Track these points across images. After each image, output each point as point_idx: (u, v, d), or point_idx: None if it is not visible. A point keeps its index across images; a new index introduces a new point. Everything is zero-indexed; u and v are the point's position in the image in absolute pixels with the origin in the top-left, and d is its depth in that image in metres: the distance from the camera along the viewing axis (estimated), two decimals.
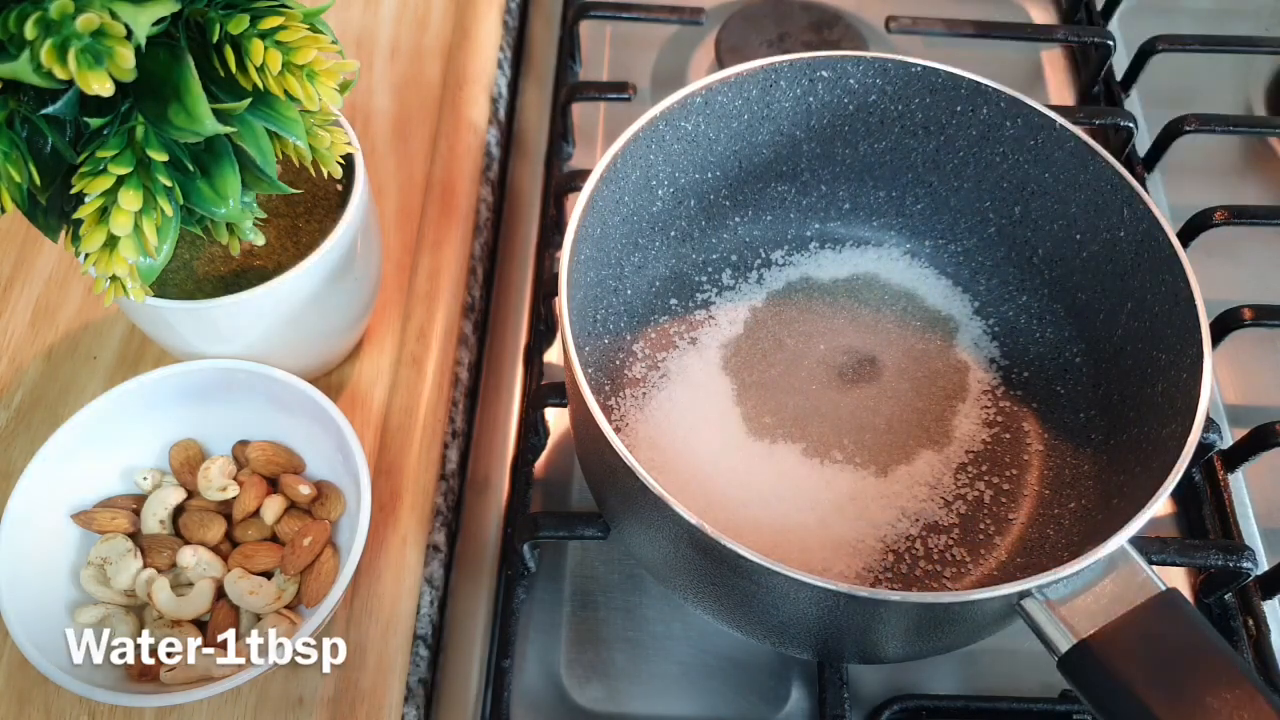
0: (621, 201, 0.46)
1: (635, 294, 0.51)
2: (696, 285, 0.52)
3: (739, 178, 0.51)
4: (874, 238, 0.54)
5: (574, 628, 0.47)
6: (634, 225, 0.48)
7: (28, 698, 0.41)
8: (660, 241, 0.51)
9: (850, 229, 0.54)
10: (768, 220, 0.53)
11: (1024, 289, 0.51)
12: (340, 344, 0.49)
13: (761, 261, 0.53)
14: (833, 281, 0.53)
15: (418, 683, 0.44)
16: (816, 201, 0.53)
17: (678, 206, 0.50)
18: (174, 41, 0.32)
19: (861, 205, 0.53)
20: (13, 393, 0.49)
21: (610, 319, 0.49)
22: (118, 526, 0.42)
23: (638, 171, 0.46)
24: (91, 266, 0.34)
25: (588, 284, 0.45)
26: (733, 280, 0.52)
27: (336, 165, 0.39)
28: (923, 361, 0.50)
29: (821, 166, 0.52)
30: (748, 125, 0.48)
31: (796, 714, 0.45)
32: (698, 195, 0.50)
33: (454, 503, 0.50)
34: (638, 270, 0.50)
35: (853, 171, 0.52)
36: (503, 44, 0.64)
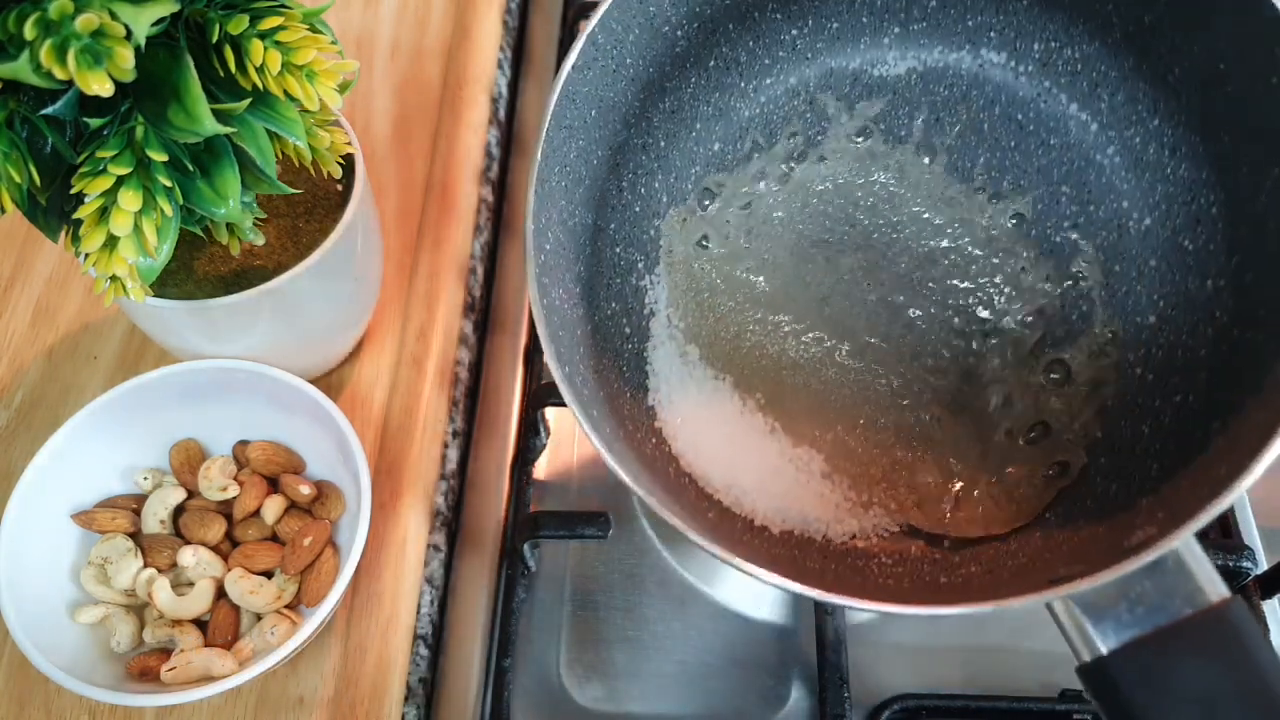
0: (621, 68, 0.39)
1: (671, 144, 0.43)
2: (748, 122, 0.44)
3: None
4: (968, 42, 0.43)
5: (574, 627, 0.47)
6: (653, 74, 0.41)
7: (28, 697, 0.41)
8: (696, 78, 0.43)
9: (937, 33, 0.44)
10: (833, 29, 0.44)
11: (1157, 111, 0.41)
12: (340, 344, 0.49)
13: (829, 83, 0.44)
14: (917, 102, 0.44)
15: (418, 682, 0.44)
16: (892, 1, 0.43)
17: (710, 37, 0.42)
18: (173, 42, 0.32)
19: (952, 1, 0.43)
20: (13, 393, 0.49)
21: (643, 180, 0.43)
22: (118, 526, 0.42)
23: (636, 30, 0.39)
24: (91, 267, 0.34)
25: (601, 153, 0.39)
26: (793, 110, 0.44)
27: (336, 165, 0.39)
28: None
29: None
30: None
31: (796, 714, 0.45)
32: (735, 16, 0.42)
33: (454, 502, 0.50)
34: (670, 116, 0.43)
35: None
36: (503, 44, 0.64)
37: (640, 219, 0.43)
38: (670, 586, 0.48)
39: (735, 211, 0.45)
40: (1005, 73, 0.44)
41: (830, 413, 0.42)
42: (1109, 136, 0.42)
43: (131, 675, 0.40)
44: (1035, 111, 0.43)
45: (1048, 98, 0.43)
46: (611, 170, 0.41)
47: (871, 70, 0.44)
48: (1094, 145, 0.42)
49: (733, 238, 0.44)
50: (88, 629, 0.41)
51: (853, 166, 0.45)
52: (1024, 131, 0.44)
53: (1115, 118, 0.42)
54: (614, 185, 0.41)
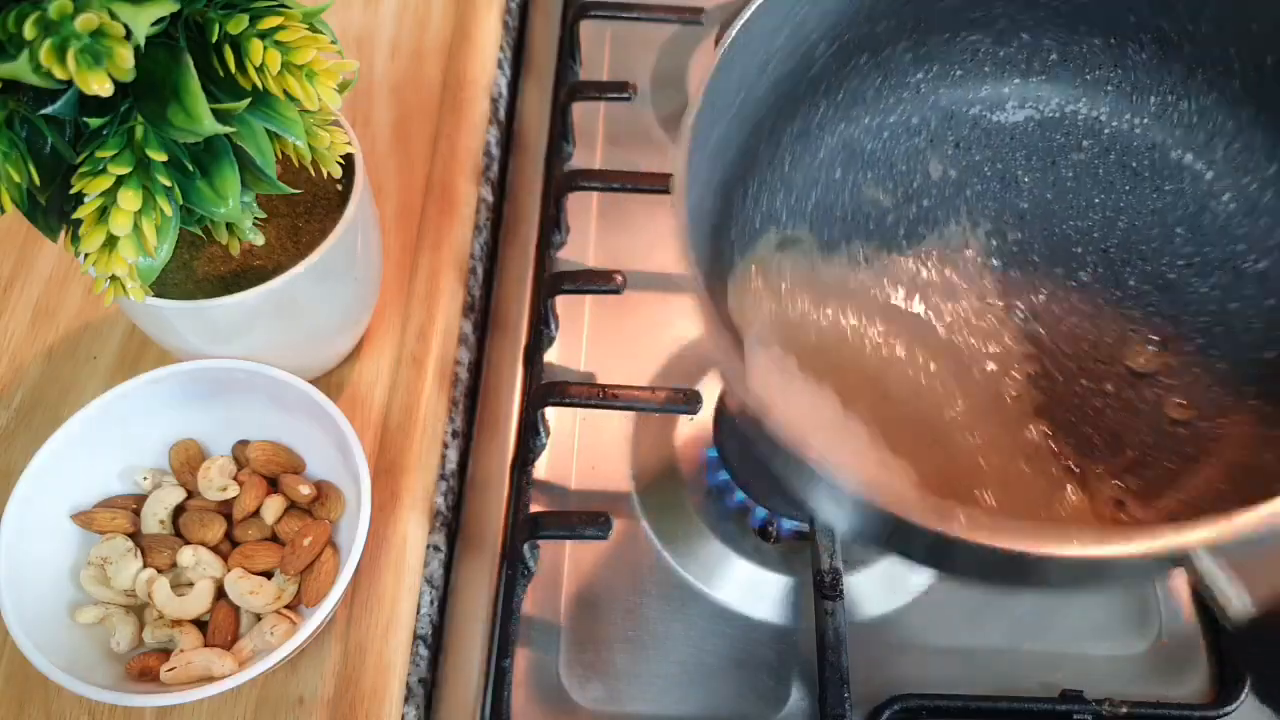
0: (767, 65, 0.39)
1: (797, 167, 0.44)
2: (871, 155, 0.45)
3: (920, 27, 0.43)
4: (1087, 96, 0.45)
5: (574, 628, 0.47)
6: (788, 88, 0.42)
7: (28, 697, 0.41)
8: (826, 105, 0.44)
9: (1058, 86, 0.46)
10: (957, 75, 0.46)
11: (1274, 158, 0.41)
12: (340, 344, 0.49)
13: (949, 125, 0.46)
14: (1033, 147, 0.45)
15: (418, 682, 0.44)
16: (1017, 52, 0.45)
17: (845, 65, 0.43)
18: (173, 42, 0.32)
19: (1072, 56, 0.45)
20: (13, 393, 0.49)
21: (765, 196, 0.43)
22: (118, 526, 0.42)
23: (786, 30, 0.39)
24: (91, 266, 0.34)
25: (729, 160, 0.40)
26: (912, 148, 0.46)
27: (336, 165, 0.39)
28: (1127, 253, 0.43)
29: (1022, 11, 0.43)
30: None
31: (796, 714, 0.45)
32: (870, 49, 0.43)
33: (454, 503, 0.50)
34: (799, 139, 0.44)
35: (1061, 15, 0.43)
36: (503, 44, 0.64)
37: (753, 232, 0.44)
38: (670, 586, 0.48)
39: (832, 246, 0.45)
40: (1121, 123, 0.45)
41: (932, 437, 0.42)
42: (1225, 184, 0.43)
43: (131, 675, 0.40)
44: (1150, 160, 0.45)
45: (1163, 148, 0.44)
46: (740, 176, 0.42)
47: (990, 115, 0.46)
48: (1209, 192, 0.43)
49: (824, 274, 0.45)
50: (87, 629, 0.41)
51: (968, 208, 0.46)
52: (1139, 178, 0.45)
53: (1231, 166, 0.43)
54: (739, 191, 0.42)
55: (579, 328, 0.55)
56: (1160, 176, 0.44)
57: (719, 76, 0.36)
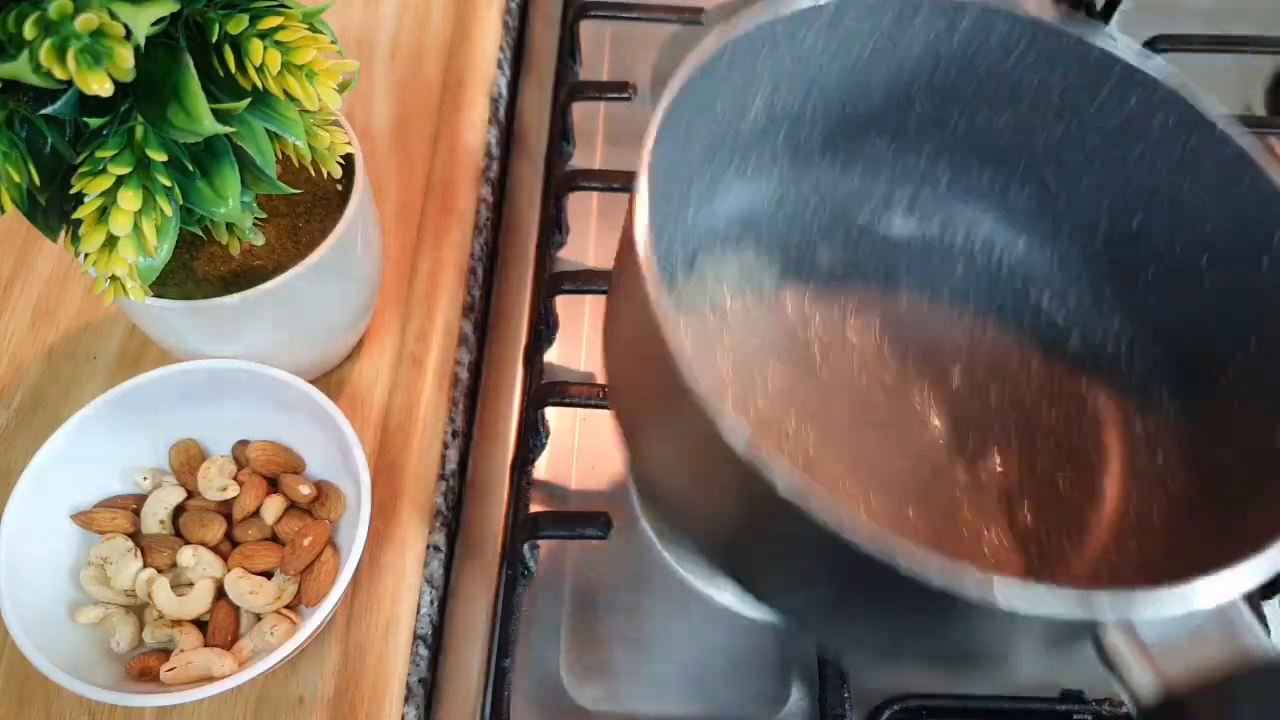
0: (714, 106, 0.41)
1: (695, 221, 0.45)
2: (761, 229, 0.47)
3: (838, 118, 0.45)
4: (964, 221, 0.48)
5: (574, 628, 0.47)
6: (715, 140, 0.43)
7: (28, 697, 0.41)
8: (734, 169, 0.45)
9: (942, 206, 0.48)
10: (856, 172, 0.48)
11: (1120, 310, 0.45)
12: (340, 344, 0.49)
13: (835, 217, 0.48)
14: (907, 260, 0.48)
15: (418, 682, 0.44)
16: (914, 166, 0.47)
17: (764, 132, 0.44)
18: (173, 42, 0.32)
19: (960, 183, 0.47)
20: (13, 393, 0.49)
21: (668, 229, 0.44)
22: (118, 526, 0.42)
23: (740, 75, 0.40)
24: (91, 266, 0.34)
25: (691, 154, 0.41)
26: (798, 232, 0.47)
27: (336, 165, 0.39)
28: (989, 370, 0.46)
29: (931, 129, 0.46)
30: (867, 59, 0.42)
31: (796, 714, 0.45)
32: (790, 124, 0.45)
33: (454, 502, 0.50)
34: (703, 195, 0.45)
35: (962, 143, 0.46)
36: (503, 44, 0.64)
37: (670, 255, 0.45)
38: (670, 586, 0.48)
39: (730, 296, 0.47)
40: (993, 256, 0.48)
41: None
42: (1068, 331, 0.47)
43: (131, 675, 0.40)
44: (1012, 295, 0.48)
45: (1024, 286, 0.47)
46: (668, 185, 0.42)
47: (878, 223, 0.48)
48: (1061, 333, 0.46)
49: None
50: (87, 629, 0.41)
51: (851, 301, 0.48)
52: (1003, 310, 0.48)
53: (1081, 312, 0.46)
54: (664, 198, 0.42)
55: (579, 328, 0.55)
56: (1021, 311, 0.47)
57: (684, 91, 0.36)
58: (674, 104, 0.36)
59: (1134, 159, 0.42)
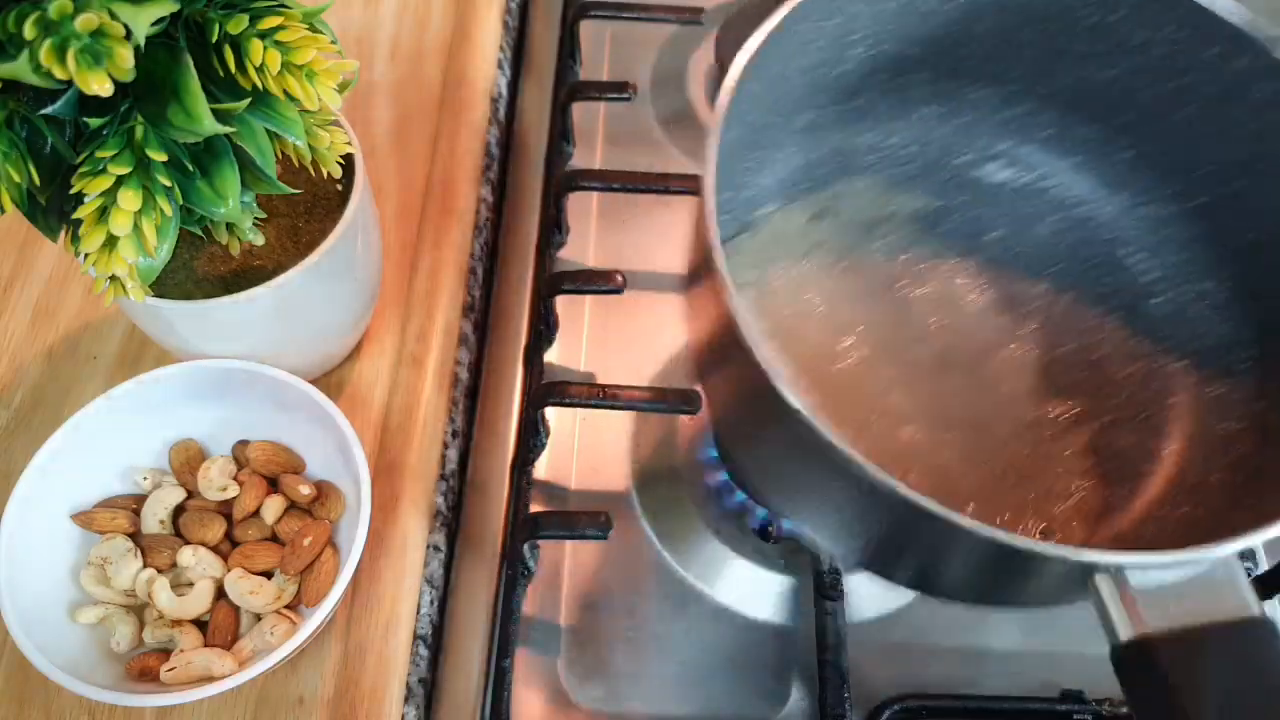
0: (810, 46, 0.40)
1: (794, 155, 0.46)
2: (862, 167, 0.47)
3: (945, 66, 0.45)
4: (1067, 175, 0.48)
5: (574, 627, 0.47)
6: (815, 79, 0.43)
7: (28, 697, 0.41)
8: (837, 109, 0.46)
9: (1046, 158, 0.48)
10: (960, 122, 0.48)
11: (1210, 275, 0.45)
12: (340, 344, 0.49)
13: (938, 166, 0.48)
14: (999, 209, 0.48)
15: (418, 682, 0.44)
16: (1019, 117, 0.47)
17: (869, 76, 0.44)
18: (173, 42, 0.32)
19: (1066, 136, 0.47)
20: (13, 393, 0.49)
21: (766, 171, 0.45)
22: (118, 526, 0.42)
23: (838, 19, 0.40)
24: (91, 266, 0.34)
25: (747, 124, 0.40)
26: (905, 174, 0.47)
27: (336, 165, 0.39)
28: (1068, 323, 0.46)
29: (1037, 80, 0.45)
30: (970, 7, 0.42)
31: (796, 714, 0.45)
32: (894, 70, 0.45)
33: (454, 502, 0.50)
34: (805, 132, 0.45)
35: (1068, 95, 0.45)
36: (503, 44, 0.64)
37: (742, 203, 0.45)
38: (670, 586, 0.48)
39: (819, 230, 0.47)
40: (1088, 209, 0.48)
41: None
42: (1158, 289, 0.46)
43: (131, 675, 0.40)
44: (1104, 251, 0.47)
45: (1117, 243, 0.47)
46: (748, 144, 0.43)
47: (975, 169, 0.49)
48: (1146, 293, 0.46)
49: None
50: (87, 629, 0.41)
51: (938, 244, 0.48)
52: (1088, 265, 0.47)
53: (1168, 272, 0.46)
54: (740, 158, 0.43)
55: (579, 328, 0.55)
56: (1105, 269, 0.47)
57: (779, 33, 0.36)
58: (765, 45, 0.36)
59: (1236, 124, 0.41)
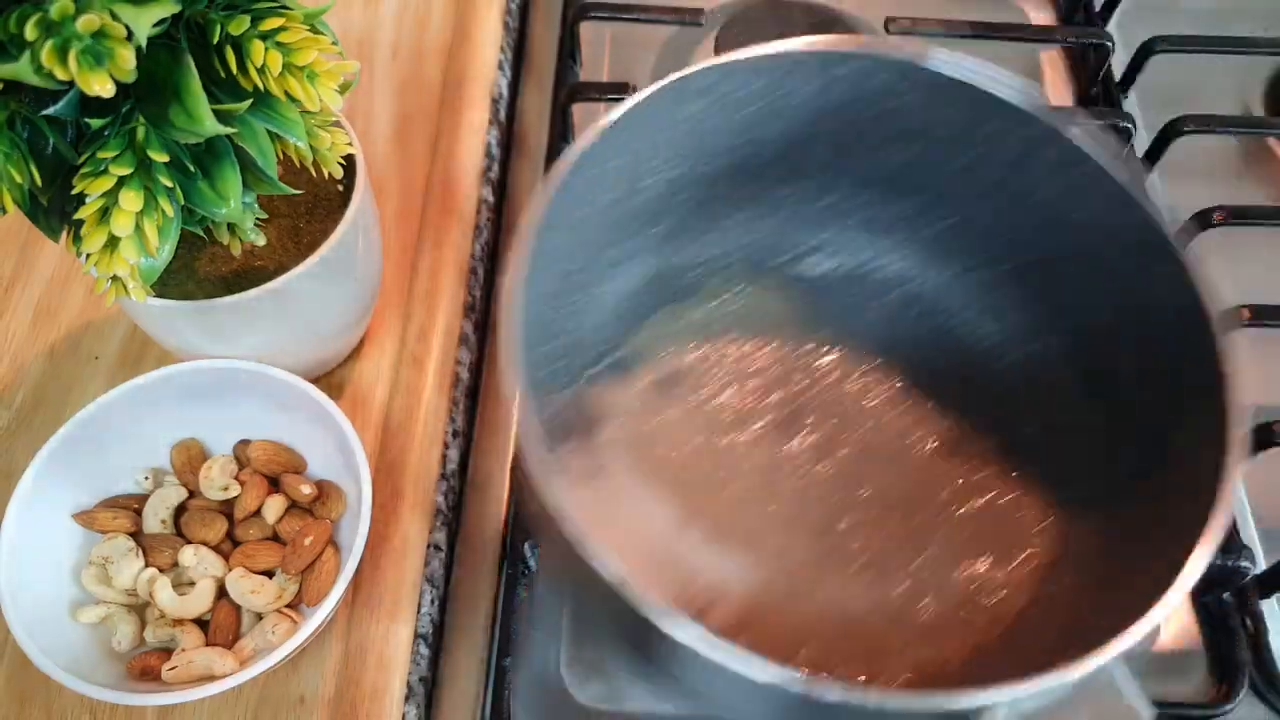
0: (601, 191, 0.41)
1: (611, 293, 0.46)
2: (682, 289, 0.47)
3: (741, 174, 0.45)
4: (889, 253, 0.48)
5: (574, 627, 0.47)
6: (614, 216, 0.43)
7: (29, 697, 0.42)
8: (643, 237, 0.46)
9: (864, 241, 0.48)
10: (770, 224, 0.48)
11: (1053, 330, 0.45)
12: (341, 344, 0.49)
13: (755, 267, 0.48)
14: (829, 302, 0.47)
15: (418, 681, 0.44)
16: (829, 207, 0.47)
17: (669, 199, 0.45)
18: (175, 43, 0.32)
19: (879, 217, 0.47)
20: (14, 392, 0.49)
21: (574, 317, 0.45)
22: (119, 526, 0.43)
23: (623, 158, 0.41)
24: (93, 267, 0.34)
25: (552, 277, 0.40)
26: (723, 286, 0.47)
27: (337, 166, 0.39)
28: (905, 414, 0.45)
29: (837, 171, 0.46)
30: (755, 117, 0.43)
31: None
32: (692, 188, 0.45)
33: (455, 502, 0.50)
34: (614, 266, 0.45)
35: (872, 179, 0.46)
36: (503, 45, 0.64)
37: (565, 352, 0.45)
38: None
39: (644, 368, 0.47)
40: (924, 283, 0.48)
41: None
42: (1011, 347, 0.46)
43: (132, 675, 0.40)
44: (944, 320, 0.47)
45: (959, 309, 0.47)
46: (555, 295, 0.43)
47: (797, 265, 0.48)
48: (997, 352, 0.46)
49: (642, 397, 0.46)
50: (89, 628, 0.41)
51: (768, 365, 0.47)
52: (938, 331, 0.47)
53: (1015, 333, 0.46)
54: (551, 311, 0.43)
55: None
56: (952, 337, 0.47)
57: (563, 187, 0.37)
58: (553, 201, 0.36)
59: (1034, 187, 0.42)
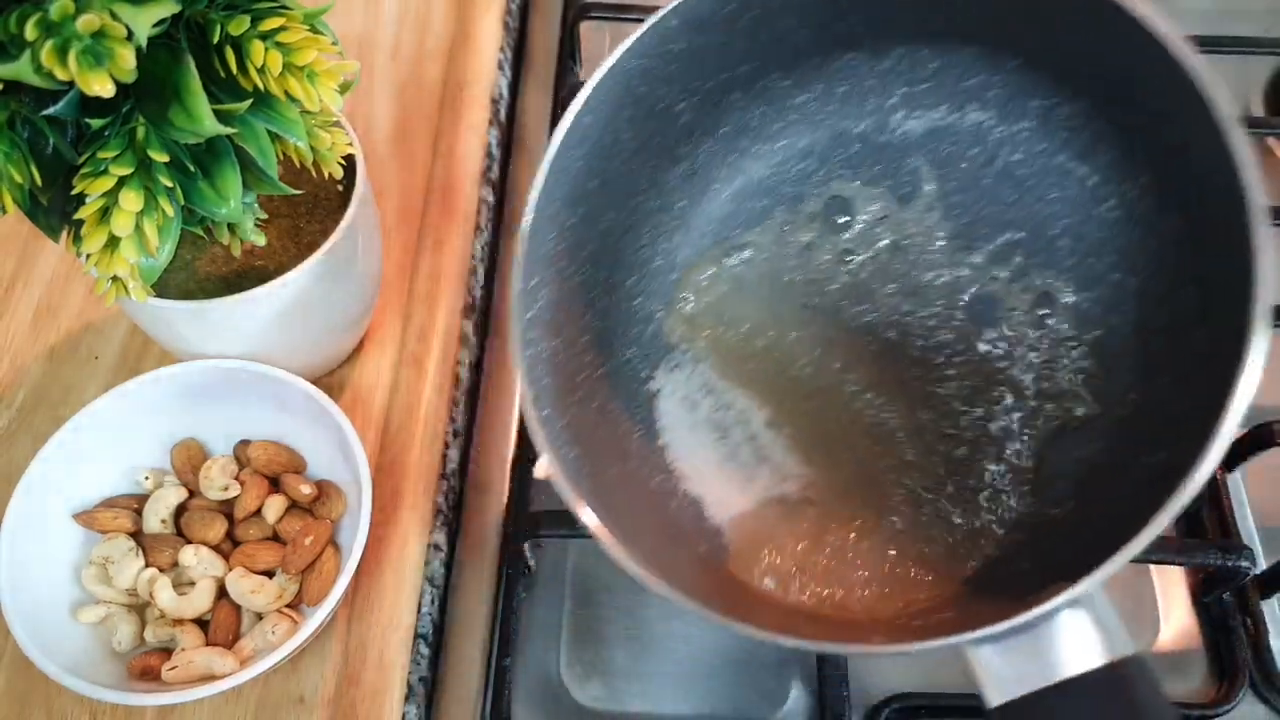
0: (617, 142, 0.40)
1: (692, 204, 0.45)
2: (762, 183, 0.46)
3: (786, 59, 0.43)
4: (970, 100, 0.45)
5: (574, 626, 0.47)
6: (658, 143, 0.42)
7: (29, 697, 0.42)
8: (710, 144, 0.45)
9: (940, 93, 0.45)
10: (841, 93, 0.45)
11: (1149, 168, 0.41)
12: (341, 344, 0.49)
13: (839, 143, 0.46)
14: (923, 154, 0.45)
15: (418, 681, 0.44)
16: (896, 64, 0.44)
17: (716, 107, 0.43)
18: (175, 42, 0.32)
19: (951, 64, 0.44)
20: (15, 393, 0.49)
21: (663, 236, 0.45)
22: (119, 526, 0.43)
23: (629, 109, 0.40)
24: (93, 267, 0.34)
25: (612, 215, 0.41)
26: (805, 170, 0.46)
27: (337, 166, 0.39)
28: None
29: (885, 27, 0.43)
30: (761, 13, 0.40)
31: (796, 713, 0.45)
32: (741, 87, 0.43)
33: (455, 502, 0.50)
34: (688, 179, 0.45)
35: (929, 28, 0.43)
36: (503, 45, 0.64)
37: (660, 272, 0.45)
38: None
39: (748, 267, 0.46)
40: (1005, 129, 0.44)
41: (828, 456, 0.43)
42: (1109, 190, 0.42)
43: (133, 674, 0.40)
44: (1035, 166, 0.44)
45: (1046, 153, 0.44)
46: (627, 230, 0.43)
47: (879, 131, 0.46)
48: (1093, 197, 0.43)
49: (745, 291, 0.46)
50: (89, 628, 0.41)
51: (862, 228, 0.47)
52: (1024, 186, 0.44)
53: (1112, 173, 0.42)
54: (631, 243, 0.43)
55: None
56: (1046, 182, 0.44)
57: (545, 194, 0.37)
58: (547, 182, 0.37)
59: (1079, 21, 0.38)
